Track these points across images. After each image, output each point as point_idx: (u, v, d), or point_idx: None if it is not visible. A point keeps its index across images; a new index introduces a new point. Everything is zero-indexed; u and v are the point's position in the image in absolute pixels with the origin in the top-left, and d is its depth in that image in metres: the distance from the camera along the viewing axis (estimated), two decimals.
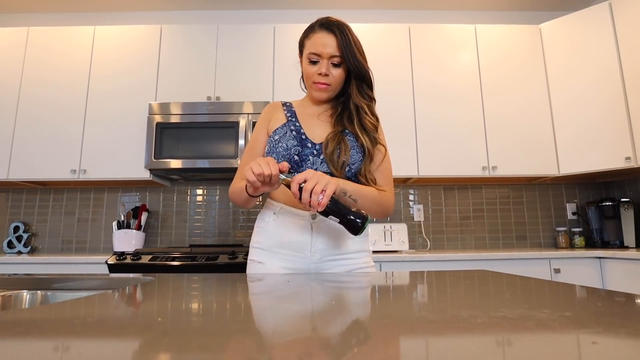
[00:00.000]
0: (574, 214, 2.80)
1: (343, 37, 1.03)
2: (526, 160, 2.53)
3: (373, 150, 1.08)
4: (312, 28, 1.08)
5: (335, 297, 0.59)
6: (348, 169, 1.06)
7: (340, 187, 0.95)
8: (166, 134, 2.43)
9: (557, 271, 2.11)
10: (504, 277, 0.77)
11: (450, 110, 2.58)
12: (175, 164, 2.39)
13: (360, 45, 1.07)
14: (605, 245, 2.50)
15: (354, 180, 1.07)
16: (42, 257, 2.15)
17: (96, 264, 2.12)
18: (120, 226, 2.56)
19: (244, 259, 2.01)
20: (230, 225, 2.77)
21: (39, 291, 0.81)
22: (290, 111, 1.15)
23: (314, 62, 1.06)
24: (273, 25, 2.67)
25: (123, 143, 2.51)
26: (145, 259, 2.05)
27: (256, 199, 1.04)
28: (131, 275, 0.88)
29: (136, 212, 2.64)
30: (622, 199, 2.50)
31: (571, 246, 2.64)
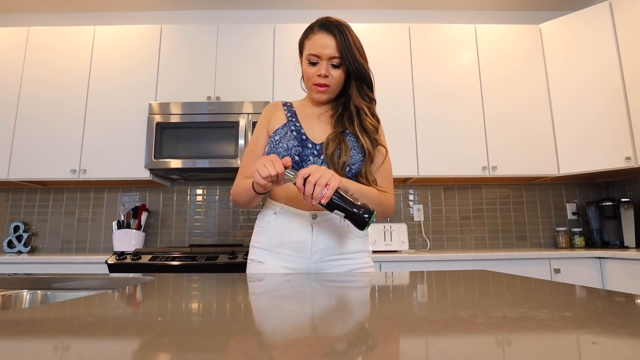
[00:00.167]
0: (574, 214, 2.80)
1: (342, 38, 1.02)
2: (526, 160, 2.53)
3: (374, 151, 1.07)
4: (311, 29, 1.08)
5: (335, 297, 0.59)
6: (348, 169, 1.06)
7: (343, 184, 0.95)
8: (166, 134, 2.43)
9: (557, 271, 2.11)
10: (504, 277, 0.77)
11: (450, 110, 2.58)
12: (175, 163, 2.39)
13: (361, 46, 1.07)
14: (605, 246, 2.50)
15: (354, 180, 1.07)
16: (42, 257, 2.16)
17: (96, 264, 2.12)
18: (120, 226, 2.56)
19: (243, 259, 2.01)
20: (230, 225, 2.77)
21: (39, 291, 0.81)
22: (290, 111, 1.15)
23: (313, 63, 1.06)
24: (273, 25, 2.67)
25: (123, 143, 2.51)
26: (145, 259, 2.05)
27: (260, 196, 1.04)
28: (131, 275, 0.88)
29: (136, 212, 2.64)
30: (622, 199, 2.50)
31: (571, 246, 2.64)
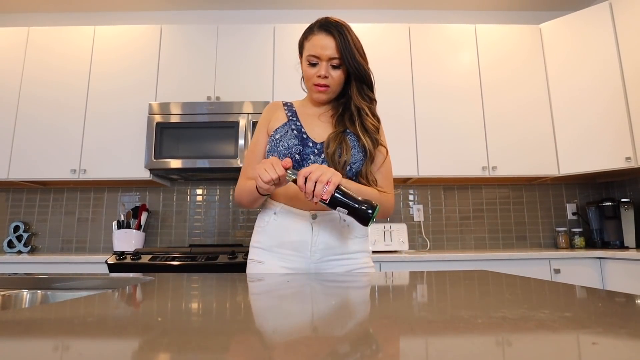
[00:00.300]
0: (574, 214, 2.80)
1: (342, 39, 1.02)
2: (526, 161, 2.53)
3: (374, 151, 1.08)
4: (311, 29, 1.08)
5: (335, 297, 0.59)
6: (349, 169, 1.06)
7: (343, 183, 0.95)
8: (166, 134, 2.43)
9: (557, 271, 2.11)
10: (503, 278, 0.77)
11: (450, 110, 2.58)
12: (175, 163, 2.39)
13: (361, 46, 1.07)
14: (606, 246, 2.50)
15: (354, 180, 1.08)
16: (42, 257, 2.15)
17: (96, 264, 2.12)
18: (120, 226, 2.56)
19: (243, 259, 2.01)
20: (230, 225, 2.77)
21: (39, 291, 0.81)
22: (291, 111, 1.15)
23: (313, 64, 1.06)
24: (273, 25, 2.67)
25: (123, 143, 2.51)
26: (145, 259, 2.05)
27: (264, 197, 1.06)
28: (131, 275, 0.88)
29: (136, 212, 2.64)
30: (622, 199, 2.50)
31: (571, 246, 2.64)
